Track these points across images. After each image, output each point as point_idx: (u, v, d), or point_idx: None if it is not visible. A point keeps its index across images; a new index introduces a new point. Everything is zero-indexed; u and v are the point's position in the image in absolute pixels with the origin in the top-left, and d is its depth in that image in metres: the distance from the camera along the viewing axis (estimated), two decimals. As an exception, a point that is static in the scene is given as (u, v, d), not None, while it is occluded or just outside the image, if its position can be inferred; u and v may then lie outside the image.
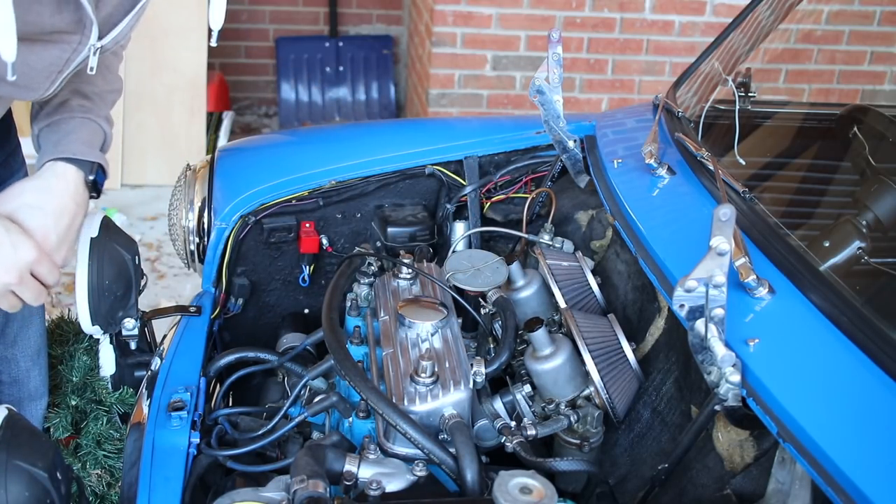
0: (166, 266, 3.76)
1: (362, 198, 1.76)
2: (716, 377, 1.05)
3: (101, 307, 1.50)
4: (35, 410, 1.64)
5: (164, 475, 1.15)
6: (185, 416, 1.23)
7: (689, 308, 1.03)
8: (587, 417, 1.27)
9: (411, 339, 1.31)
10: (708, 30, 4.24)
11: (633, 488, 1.28)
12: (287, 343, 1.58)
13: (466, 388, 1.22)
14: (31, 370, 1.62)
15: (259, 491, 1.05)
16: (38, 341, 1.64)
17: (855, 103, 2.04)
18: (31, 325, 1.62)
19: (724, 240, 0.98)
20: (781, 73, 4.30)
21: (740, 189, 1.35)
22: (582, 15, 4.17)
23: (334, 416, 1.36)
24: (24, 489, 1.05)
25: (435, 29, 4.14)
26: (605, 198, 1.51)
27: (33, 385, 1.63)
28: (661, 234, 1.32)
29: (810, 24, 3.20)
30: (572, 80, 4.29)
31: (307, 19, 5.05)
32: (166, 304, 2.57)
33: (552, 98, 1.54)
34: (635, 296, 1.44)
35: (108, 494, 1.59)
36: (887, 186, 1.63)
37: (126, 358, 1.62)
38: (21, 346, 1.61)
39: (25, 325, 1.61)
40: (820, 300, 1.10)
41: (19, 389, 1.61)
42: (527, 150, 1.82)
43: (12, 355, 1.60)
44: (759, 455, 1.09)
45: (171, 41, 4.08)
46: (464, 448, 1.12)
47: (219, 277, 1.66)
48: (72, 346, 1.69)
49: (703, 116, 1.68)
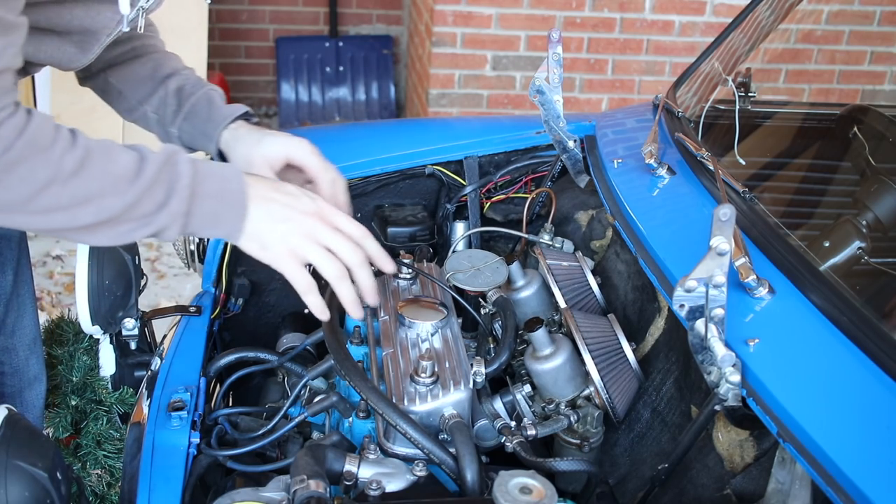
0: (166, 266, 3.77)
1: (362, 198, 1.76)
2: (716, 377, 1.05)
3: (101, 307, 1.50)
4: (35, 397, 1.65)
5: (164, 475, 1.15)
6: (185, 416, 1.23)
7: (689, 308, 1.03)
8: (587, 417, 1.27)
9: (411, 339, 1.31)
10: (708, 30, 4.24)
11: (633, 488, 1.28)
12: (287, 343, 1.58)
13: (466, 388, 1.22)
14: (30, 358, 1.63)
15: (259, 491, 1.05)
16: (33, 330, 1.65)
17: (855, 103, 2.04)
18: (25, 315, 1.63)
19: (724, 240, 0.98)
20: (781, 73, 4.30)
21: (740, 189, 1.35)
22: (582, 15, 4.18)
23: (334, 416, 1.36)
24: (24, 489, 1.05)
25: (435, 29, 4.14)
26: (605, 198, 1.51)
27: (32, 373, 1.64)
28: (661, 234, 1.32)
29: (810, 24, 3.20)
30: (572, 80, 4.29)
31: (307, 19, 5.06)
32: (166, 304, 2.57)
33: (552, 98, 1.54)
34: (635, 296, 1.44)
35: (108, 494, 1.59)
36: (887, 186, 1.63)
37: (126, 358, 1.62)
38: (19, 335, 1.62)
39: (21, 315, 1.62)
40: (820, 300, 1.11)
41: (20, 379, 1.62)
42: (527, 150, 1.82)
43: (12, 345, 1.61)
44: (759, 455, 1.09)
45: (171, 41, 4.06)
46: (464, 448, 1.12)
47: (219, 277, 1.66)
48: (72, 346, 1.69)
49: (703, 116, 1.68)
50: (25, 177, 1.03)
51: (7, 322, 1.60)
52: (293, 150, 1.36)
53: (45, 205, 1.05)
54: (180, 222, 1.13)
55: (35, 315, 1.66)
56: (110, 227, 1.10)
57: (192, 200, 1.13)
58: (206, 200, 1.14)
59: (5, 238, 1.57)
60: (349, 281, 1.20)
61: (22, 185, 1.03)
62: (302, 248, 1.18)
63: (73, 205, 1.06)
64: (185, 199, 1.12)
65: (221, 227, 1.17)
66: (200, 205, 1.14)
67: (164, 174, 1.12)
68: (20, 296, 1.61)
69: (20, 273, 1.60)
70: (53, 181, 1.04)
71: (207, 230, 1.18)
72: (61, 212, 1.06)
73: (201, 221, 1.15)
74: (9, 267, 1.58)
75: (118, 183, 1.08)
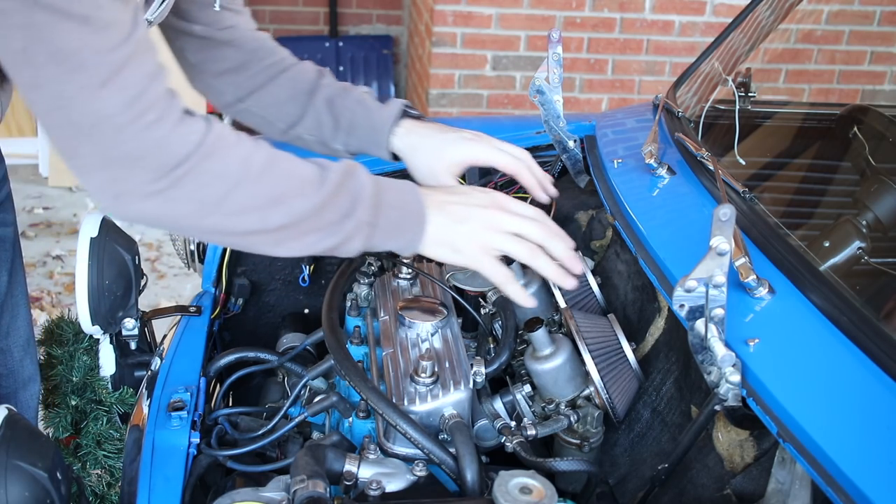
0: (166, 266, 3.77)
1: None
2: (716, 377, 1.05)
3: (101, 307, 1.50)
4: (30, 397, 1.65)
5: (164, 475, 1.15)
6: (185, 416, 1.23)
7: (689, 308, 1.03)
8: (587, 417, 1.27)
9: (411, 339, 1.31)
10: (708, 30, 4.24)
11: (633, 488, 1.28)
12: (287, 343, 1.58)
13: (466, 388, 1.22)
14: (24, 359, 1.63)
15: (259, 491, 1.05)
16: (27, 331, 1.65)
17: (855, 103, 2.04)
18: (19, 316, 1.63)
19: (724, 240, 0.98)
20: (781, 73, 4.30)
21: (740, 189, 1.35)
22: (582, 15, 4.18)
23: (334, 416, 1.36)
24: (24, 489, 1.05)
25: (435, 29, 4.14)
26: (605, 198, 1.51)
27: (27, 373, 1.64)
28: (661, 234, 1.32)
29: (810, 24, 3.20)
30: (572, 80, 4.29)
31: (307, 19, 5.05)
32: (166, 304, 2.57)
33: (552, 98, 1.54)
34: (635, 296, 1.44)
35: (108, 494, 1.59)
36: (887, 186, 1.63)
37: (126, 358, 1.62)
38: (14, 336, 1.62)
39: (15, 316, 1.62)
40: (820, 300, 1.10)
41: (15, 380, 1.62)
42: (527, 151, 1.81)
43: (7, 346, 1.61)
44: (759, 455, 1.09)
45: (171, 41, 4.07)
46: (464, 448, 1.12)
47: (219, 277, 1.66)
48: (72, 346, 1.69)
49: (703, 116, 1.68)
50: (219, 172, 1.03)
51: (2, 324, 1.60)
52: (477, 153, 1.34)
53: (238, 204, 1.05)
54: (365, 233, 1.13)
55: (29, 316, 1.66)
56: (297, 236, 1.10)
57: (376, 210, 1.13)
58: (390, 210, 1.15)
59: (0, 240, 1.57)
60: (545, 255, 1.19)
61: (216, 182, 1.03)
62: (491, 241, 1.18)
63: (264, 205, 1.06)
64: (370, 208, 1.13)
65: (404, 237, 1.17)
66: (385, 215, 1.14)
67: (348, 184, 1.12)
68: (14, 297, 1.61)
69: (14, 274, 1.60)
70: (245, 179, 1.05)
71: (390, 241, 1.17)
72: (254, 213, 1.06)
73: (385, 232, 1.15)
74: (3, 269, 1.58)
75: (305, 186, 1.09)
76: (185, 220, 1.06)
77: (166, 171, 1.01)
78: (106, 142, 0.98)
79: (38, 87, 0.96)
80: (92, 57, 0.95)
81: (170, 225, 1.13)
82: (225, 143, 1.05)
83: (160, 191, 1.01)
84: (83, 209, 4.19)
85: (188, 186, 1.02)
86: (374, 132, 1.40)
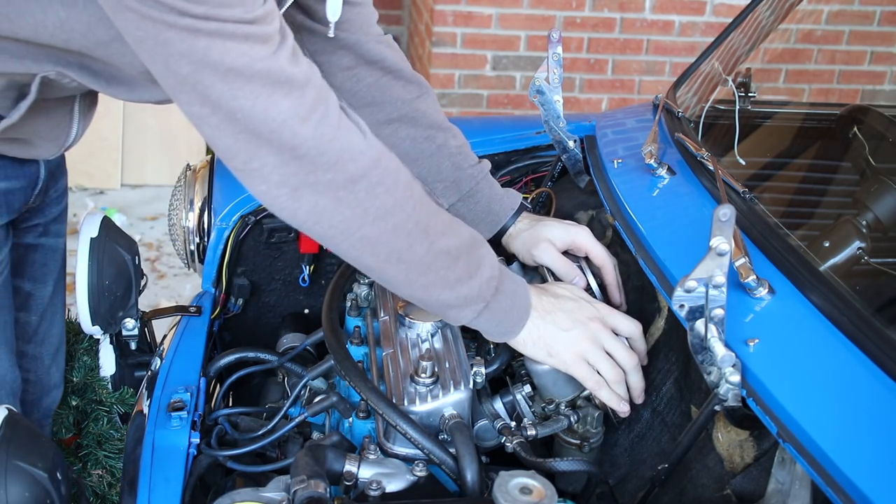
0: (166, 266, 3.77)
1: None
2: (716, 377, 1.05)
3: (101, 307, 1.50)
4: (50, 403, 1.64)
5: (164, 475, 1.15)
6: (185, 417, 1.23)
7: (689, 308, 1.03)
8: (587, 417, 1.28)
9: (411, 339, 1.31)
10: (708, 30, 4.25)
11: (633, 488, 1.28)
12: (287, 343, 1.58)
13: (466, 389, 1.22)
14: (51, 367, 1.63)
15: (259, 491, 1.05)
16: (59, 338, 1.64)
17: (855, 103, 2.04)
18: (55, 324, 1.63)
19: (724, 240, 0.98)
20: (781, 73, 4.30)
21: (740, 189, 1.35)
22: (582, 15, 4.18)
23: (334, 416, 1.36)
24: (24, 489, 1.05)
25: (435, 29, 4.14)
26: (605, 198, 1.51)
27: (53, 381, 1.64)
28: (661, 234, 1.32)
29: (810, 24, 3.20)
30: (572, 80, 4.29)
31: (307, 19, 5.05)
32: (166, 304, 2.57)
33: (552, 98, 1.54)
34: (635, 296, 1.44)
35: (108, 494, 1.59)
36: (887, 186, 1.63)
37: (126, 358, 1.63)
38: (47, 344, 1.61)
39: (52, 324, 1.62)
40: (820, 300, 1.10)
41: (41, 388, 1.62)
42: (527, 150, 1.82)
43: (39, 353, 1.60)
44: (759, 455, 1.09)
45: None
46: (464, 448, 1.12)
47: (219, 277, 1.67)
48: (72, 346, 1.69)
49: (703, 116, 1.68)
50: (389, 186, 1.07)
51: (39, 331, 1.59)
52: (578, 237, 1.40)
53: (398, 220, 1.08)
54: (478, 306, 1.16)
55: (63, 324, 1.66)
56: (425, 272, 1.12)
57: (495, 290, 1.17)
58: (503, 297, 1.18)
59: (52, 250, 1.57)
60: (624, 384, 1.25)
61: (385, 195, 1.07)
62: (587, 353, 1.22)
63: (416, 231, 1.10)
64: (491, 280, 1.16)
65: (503, 326, 1.20)
66: (498, 299, 1.18)
67: (475, 252, 1.16)
68: (54, 305, 1.61)
69: (58, 283, 1.61)
70: (409, 199, 1.09)
71: (492, 324, 1.20)
72: (406, 236, 1.09)
73: (492, 313, 1.18)
74: (50, 278, 1.58)
75: (447, 227, 1.14)
76: (346, 224, 1.07)
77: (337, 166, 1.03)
78: (285, 142, 1.00)
79: (211, 106, 0.97)
80: (259, 66, 0.97)
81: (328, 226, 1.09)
82: (395, 164, 1.09)
83: (331, 184, 1.03)
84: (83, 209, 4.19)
85: (360, 194, 1.05)
86: (490, 214, 1.45)
